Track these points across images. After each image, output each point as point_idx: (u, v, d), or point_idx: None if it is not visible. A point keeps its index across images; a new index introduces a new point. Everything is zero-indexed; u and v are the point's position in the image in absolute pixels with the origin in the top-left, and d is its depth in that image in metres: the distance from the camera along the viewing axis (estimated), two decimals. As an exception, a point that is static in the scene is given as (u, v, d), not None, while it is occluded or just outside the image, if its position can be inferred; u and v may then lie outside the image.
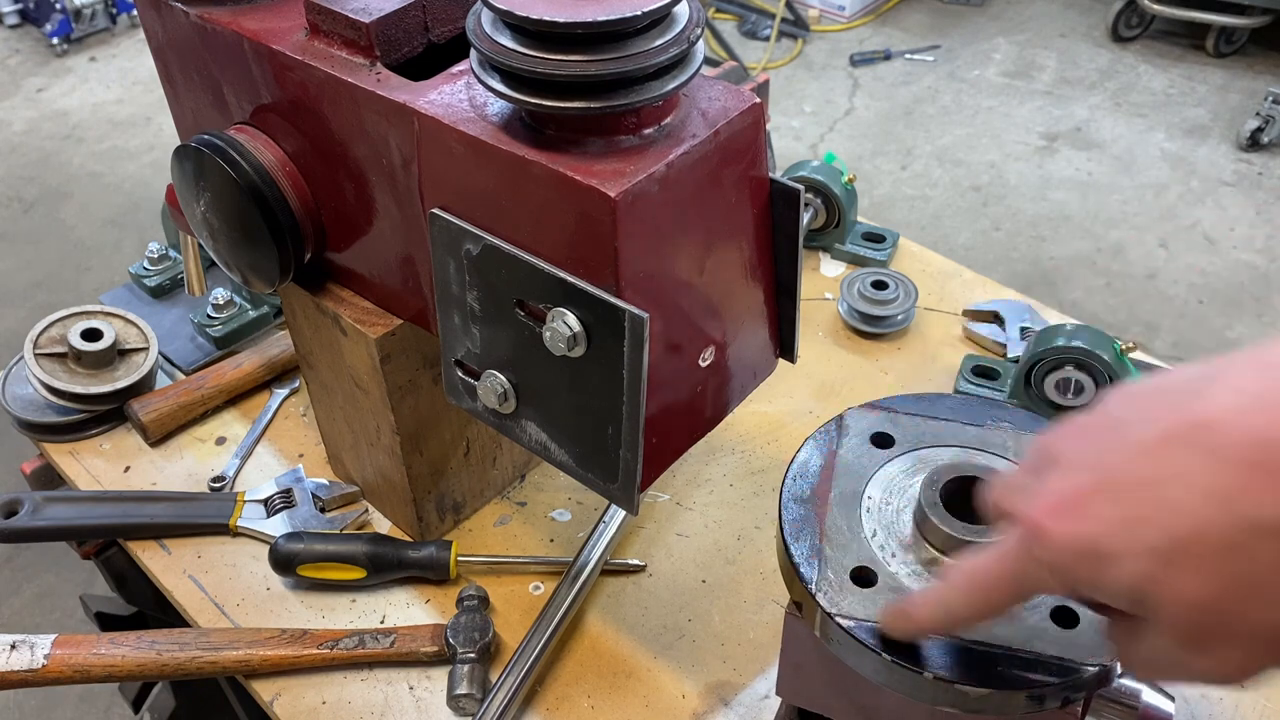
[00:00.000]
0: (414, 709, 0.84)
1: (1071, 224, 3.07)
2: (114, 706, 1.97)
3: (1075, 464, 0.47)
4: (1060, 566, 0.46)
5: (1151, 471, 0.43)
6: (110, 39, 4.09)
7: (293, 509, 0.98)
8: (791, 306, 0.74)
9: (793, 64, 3.89)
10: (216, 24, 0.76)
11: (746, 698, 0.84)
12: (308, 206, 0.79)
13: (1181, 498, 0.42)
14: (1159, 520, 0.42)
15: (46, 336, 1.07)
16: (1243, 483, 0.40)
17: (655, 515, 0.99)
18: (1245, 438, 0.41)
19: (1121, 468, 0.45)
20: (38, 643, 0.85)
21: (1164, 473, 0.43)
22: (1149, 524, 0.43)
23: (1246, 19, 3.58)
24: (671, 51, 0.58)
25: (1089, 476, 0.46)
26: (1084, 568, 0.45)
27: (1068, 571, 0.46)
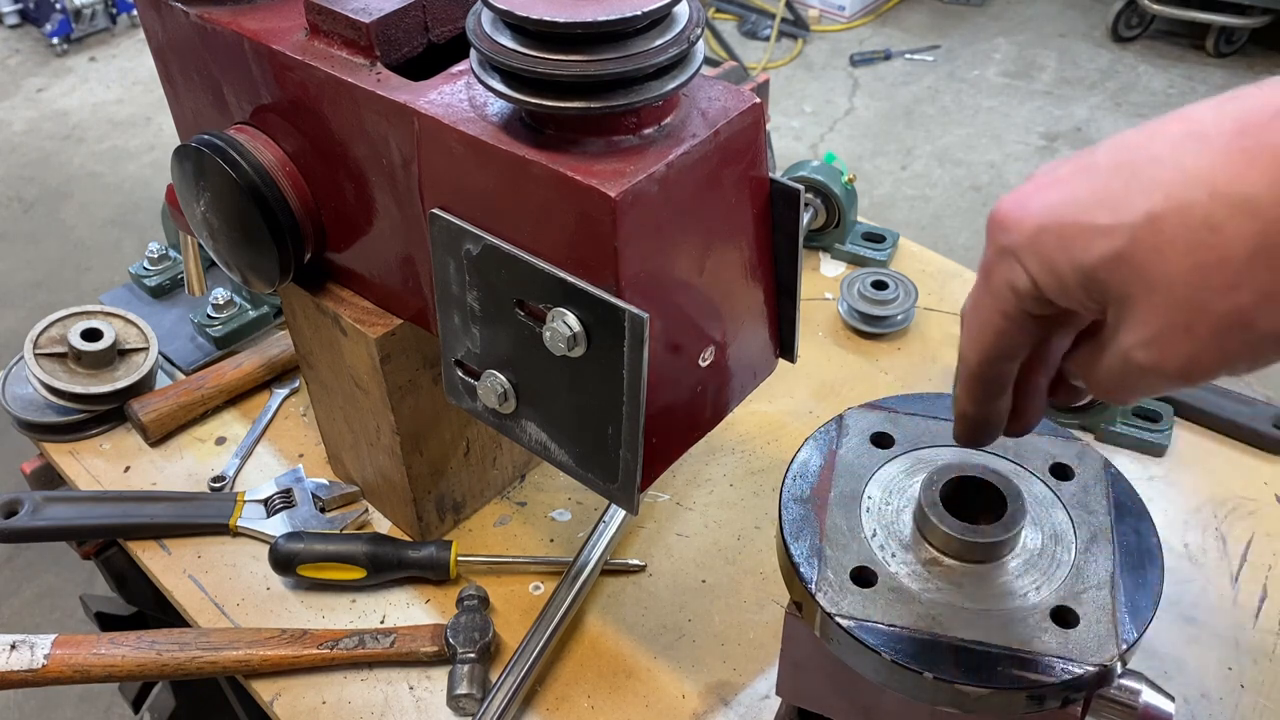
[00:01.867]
0: (414, 709, 0.84)
1: (1071, 224, 3.07)
2: (114, 706, 1.97)
3: (1055, 163, 0.46)
4: (1027, 246, 0.45)
5: (1132, 156, 0.42)
6: (110, 39, 4.09)
7: (293, 509, 0.98)
8: (791, 306, 0.74)
9: (793, 64, 3.89)
10: (216, 24, 0.76)
11: (746, 698, 0.84)
12: (308, 206, 0.79)
13: (1162, 176, 0.41)
14: (1137, 197, 0.41)
15: (46, 336, 1.07)
16: (1224, 162, 0.39)
17: (655, 515, 0.99)
18: (1229, 124, 0.40)
19: (1101, 156, 0.44)
20: (38, 643, 0.85)
21: (1145, 155, 0.42)
22: (1127, 199, 0.42)
23: (1246, 19, 3.58)
24: (671, 51, 0.58)
25: (1067, 165, 0.45)
26: (1051, 244, 0.44)
27: (1034, 251, 0.44)
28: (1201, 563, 0.93)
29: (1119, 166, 0.42)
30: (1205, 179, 0.40)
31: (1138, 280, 0.41)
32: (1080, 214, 0.43)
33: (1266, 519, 0.96)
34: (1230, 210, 0.39)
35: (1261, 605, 0.89)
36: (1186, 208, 0.40)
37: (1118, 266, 0.42)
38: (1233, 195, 0.39)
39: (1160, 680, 0.83)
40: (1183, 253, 0.40)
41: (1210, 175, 0.39)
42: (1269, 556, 0.93)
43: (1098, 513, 0.64)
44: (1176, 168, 0.40)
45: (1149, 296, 0.41)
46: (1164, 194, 0.40)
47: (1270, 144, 0.39)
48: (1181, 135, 0.41)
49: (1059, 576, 0.60)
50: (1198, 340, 0.41)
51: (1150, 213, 0.41)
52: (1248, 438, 1.02)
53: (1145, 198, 0.41)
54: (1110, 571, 0.60)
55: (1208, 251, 0.40)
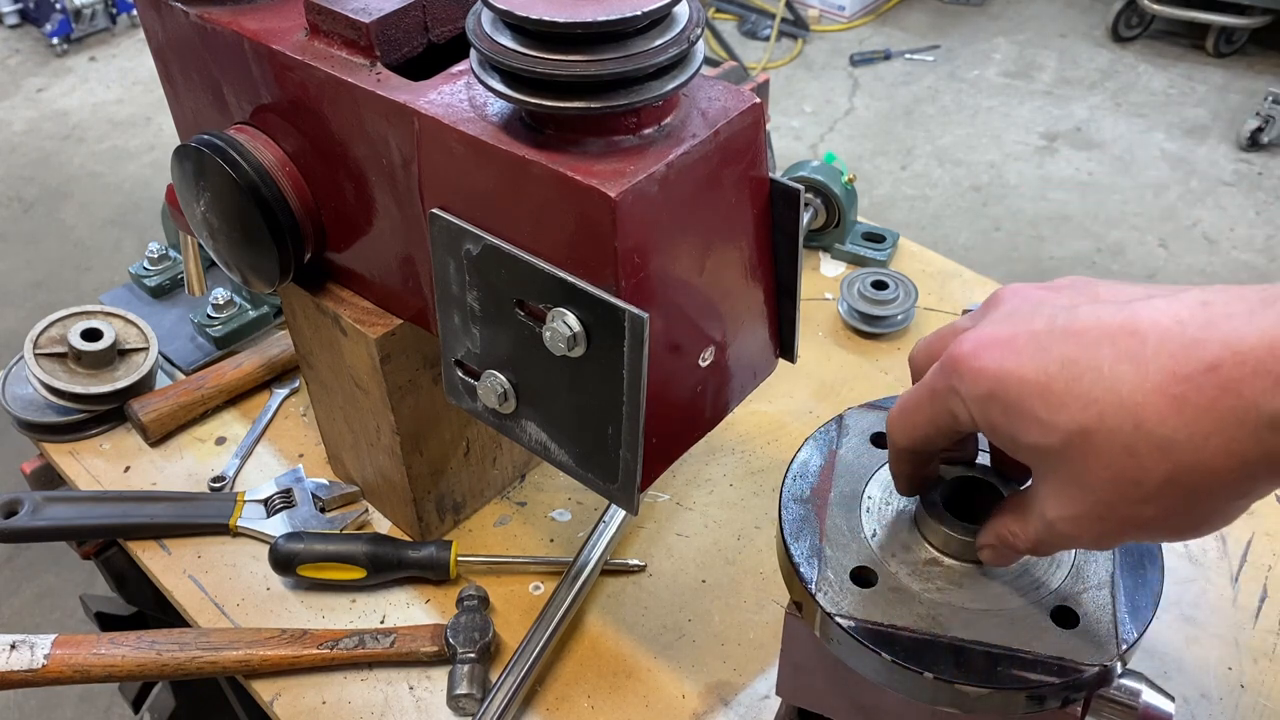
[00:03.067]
0: (414, 709, 0.84)
1: (1071, 224, 3.08)
2: (114, 706, 1.97)
3: (1012, 314, 0.51)
4: (976, 400, 0.50)
5: (1079, 354, 0.46)
6: (110, 39, 4.09)
7: (293, 509, 0.98)
8: (791, 306, 0.74)
9: (793, 64, 3.89)
10: (216, 24, 0.76)
11: (746, 698, 0.84)
12: (308, 206, 0.79)
13: (1098, 394, 0.45)
14: (1074, 406, 0.46)
15: (46, 336, 1.07)
16: (1154, 400, 0.44)
17: (655, 515, 0.99)
18: (1166, 362, 0.44)
19: (1056, 336, 0.48)
20: (38, 643, 0.85)
21: (1090, 362, 0.46)
22: (1066, 403, 0.46)
23: (1246, 19, 3.58)
24: (671, 51, 0.58)
25: (1023, 328, 0.49)
26: (996, 412, 0.49)
27: (981, 409, 0.50)
28: (1201, 563, 0.93)
29: (1065, 363, 0.47)
30: (1133, 411, 0.44)
31: (1065, 473, 0.48)
32: (1023, 398, 0.48)
33: (1266, 519, 0.96)
34: (1149, 446, 0.44)
35: (1261, 605, 0.89)
36: (1113, 431, 0.45)
37: (1048, 457, 0.48)
38: (1154, 435, 0.44)
39: (1160, 680, 0.83)
40: (1104, 466, 0.46)
41: (1137, 409, 0.44)
42: (1269, 556, 0.93)
43: None
44: (1112, 390, 0.45)
45: (1072, 489, 0.48)
46: (1097, 412, 0.45)
47: (1194, 400, 0.43)
48: (1125, 353, 0.45)
49: (1059, 577, 0.60)
50: (1106, 529, 0.49)
51: (1083, 426, 0.46)
52: (1248, 438, 1.02)
53: (1081, 410, 0.46)
54: (1110, 571, 0.60)
55: (1125, 471, 0.45)
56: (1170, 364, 0.44)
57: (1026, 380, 0.47)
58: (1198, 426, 0.43)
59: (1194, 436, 0.43)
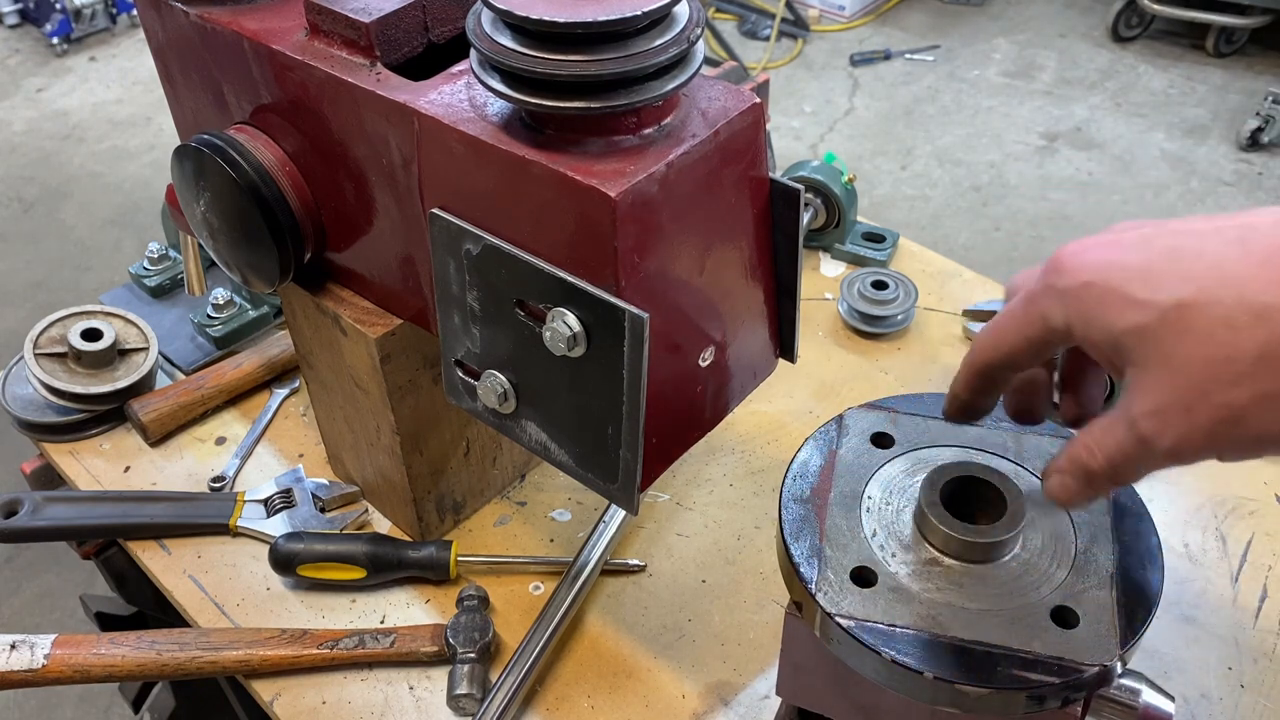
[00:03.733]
0: (414, 709, 0.84)
1: (1071, 224, 3.08)
2: (114, 706, 1.97)
3: (1118, 228, 0.51)
4: (1073, 293, 0.49)
5: (1184, 243, 0.47)
6: (110, 39, 4.09)
7: (293, 509, 0.98)
8: (791, 306, 0.74)
9: (793, 64, 3.89)
10: (216, 24, 0.76)
11: (746, 698, 0.84)
12: (308, 206, 0.79)
13: (1201, 269, 0.45)
14: (1175, 281, 0.46)
15: (46, 336, 1.07)
16: (1257, 272, 0.44)
17: (655, 515, 0.99)
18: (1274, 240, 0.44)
19: (1163, 231, 0.48)
20: (38, 643, 0.85)
21: (1194, 247, 0.46)
22: (1166, 281, 0.46)
23: (1246, 19, 3.58)
24: (671, 51, 0.58)
25: (1132, 232, 0.49)
26: (1093, 299, 0.48)
27: (1078, 301, 0.49)
28: (1201, 563, 0.93)
29: (1170, 250, 0.47)
30: (1236, 283, 0.44)
31: (1156, 355, 0.46)
32: (1124, 282, 0.47)
33: (1266, 519, 0.96)
34: (1249, 316, 0.44)
35: (1261, 605, 0.89)
36: (1213, 304, 0.44)
37: (1142, 339, 0.46)
38: (1254, 303, 0.44)
39: (1160, 680, 0.83)
40: (1200, 342, 0.45)
41: (1241, 281, 0.44)
42: (1269, 556, 0.93)
43: (1097, 512, 0.63)
44: (1216, 266, 0.45)
45: (1162, 372, 0.46)
46: (1197, 286, 0.45)
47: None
48: (1232, 239, 0.46)
49: (1059, 577, 0.60)
50: (1194, 423, 0.46)
51: (1181, 300, 0.45)
52: (1248, 438, 1.02)
53: (1181, 285, 0.45)
54: (1110, 572, 0.60)
55: (1221, 347, 0.44)
56: (1277, 234, 0.44)
57: (1129, 265, 0.47)
58: None
59: None
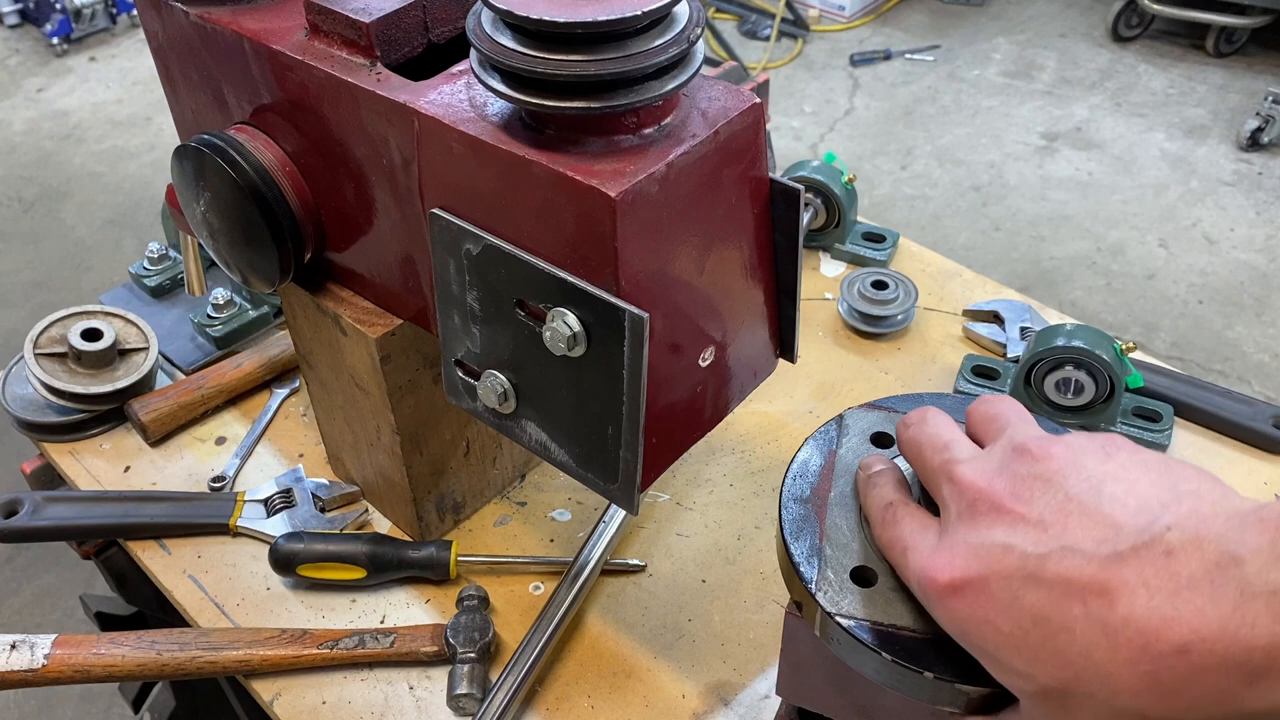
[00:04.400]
0: (414, 709, 0.84)
1: (1071, 224, 3.08)
2: (114, 706, 1.97)
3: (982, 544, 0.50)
4: (953, 629, 0.51)
5: (1053, 611, 0.46)
6: (110, 39, 4.09)
7: (293, 509, 0.98)
8: (791, 306, 0.74)
9: (793, 64, 3.89)
10: (216, 24, 0.76)
11: (746, 698, 0.84)
12: (308, 206, 0.79)
13: (1074, 657, 0.45)
14: (1048, 666, 0.46)
15: (46, 336, 1.07)
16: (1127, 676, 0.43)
17: (655, 515, 0.99)
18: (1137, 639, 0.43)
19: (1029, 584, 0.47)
20: (38, 643, 0.85)
21: (1064, 623, 0.45)
22: (1040, 663, 0.46)
23: (1246, 19, 3.58)
24: (671, 51, 0.58)
25: (995, 568, 0.48)
26: (971, 645, 0.50)
27: (959, 636, 0.51)
28: (1201, 563, 0.92)
29: (1039, 622, 0.46)
30: (1108, 680, 0.44)
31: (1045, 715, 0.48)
32: (1001, 649, 0.48)
33: (1266, 519, 0.96)
34: (1128, 714, 0.44)
35: (1261, 605, 0.89)
36: (1090, 695, 0.45)
37: (1027, 698, 0.48)
38: (1129, 707, 0.44)
39: None
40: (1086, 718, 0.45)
41: (1112, 680, 0.44)
42: (1269, 556, 0.93)
43: None
44: (1086, 656, 0.44)
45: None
46: (1074, 674, 0.45)
47: (1166, 680, 0.42)
48: (1095, 618, 0.44)
49: None
50: None
51: (1062, 686, 0.46)
52: (1248, 438, 1.02)
53: (1058, 670, 0.45)
54: None
55: None
56: (1140, 640, 0.43)
57: (1001, 632, 0.48)
58: (1173, 705, 0.42)
59: (1169, 712, 0.43)
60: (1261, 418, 1.02)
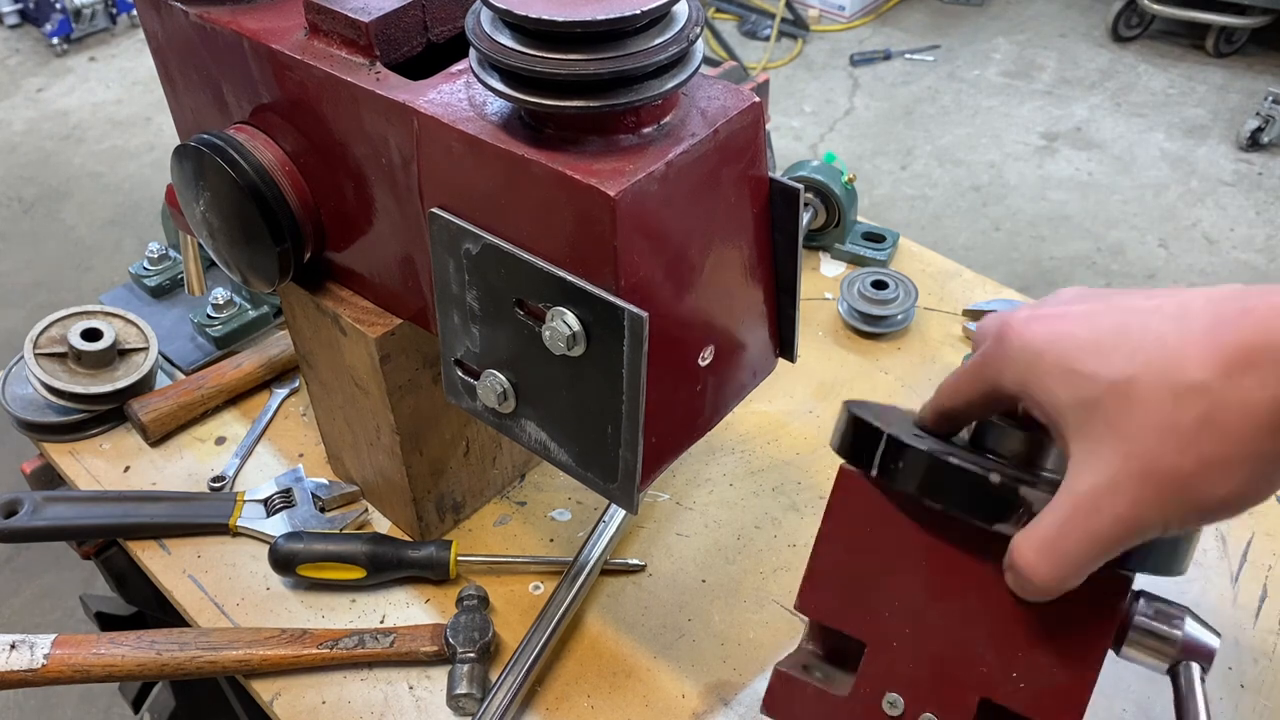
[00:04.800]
0: (414, 709, 0.84)
1: (1071, 224, 3.08)
2: (114, 706, 1.97)
3: (1067, 298, 0.54)
4: (1024, 362, 0.52)
5: (1130, 320, 0.50)
6: (110, 39, 4.09)
7: (292, 509, 0.98)
8: (791, 306, 0.74)
9: (793, 64, 3.89)
10: (216, 24, 0.76)
11: (746, 698, 0.84)
12: (307, 206, 0.79)
13: (1147, 345, 0.48)
14: (1122, 356, 0.49)
15: (46, 336, 1.07)
16: (1195, 349, 0.47)
17: (655, 515, 0.99)
18: (1208, 317, 0.48)
19: (1109, 307, 0.51)
20: (37, 643, 0.85)
21: (1140, 323, 0.50)
22: (1114, 355, 0.49)
23: (1246, 19, 3.58)
24: (671, 50, 0.58)
25: (1080, 304, 0.53)
26: (1042, 371, 0.51)
27: (1028, 370, 0.52)
28: (1201, 563, 0.92)
29: (1116, 327, 0.50)
30: (1177, 358, 0.47)
31: (1104, 427, 0.49)
32: (1072, 355, 0.50)
33: (1266, 519, 0.96)
34: (1189, 389, 0.46)
35: (1261, 605, 0.89)
36: (1156, 378, 0.47)
37: (1090, 412, 0.49)
38: (1193, 378, 0.46)
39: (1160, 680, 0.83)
40: (1145, 411, 0.48)
41: (1181, 356, 0.47)
42: (1269, 556, 0.93)
43: None
44: (1158, 342, 0.48)
45: (1111, 442, 0.48)
46: (1142, 361, 0.48)
47: (1230, 340, 0.46)
48: (1171, 315, 0.49)
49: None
50: (1144, 491, 0.48)
51: (1127, 375, 0.48)
52: (1248, 437, 1.02)
53: (1127, 360, 0.49)
54: None
55: (1165, 416, 0.47)
56: (1211, 311, 0.48)
57: (1078, 338, 0.50)
58: (1234, 363, 0.46)
59: (1230, 373, 0.46)
60: (1261, 417, 1.02)
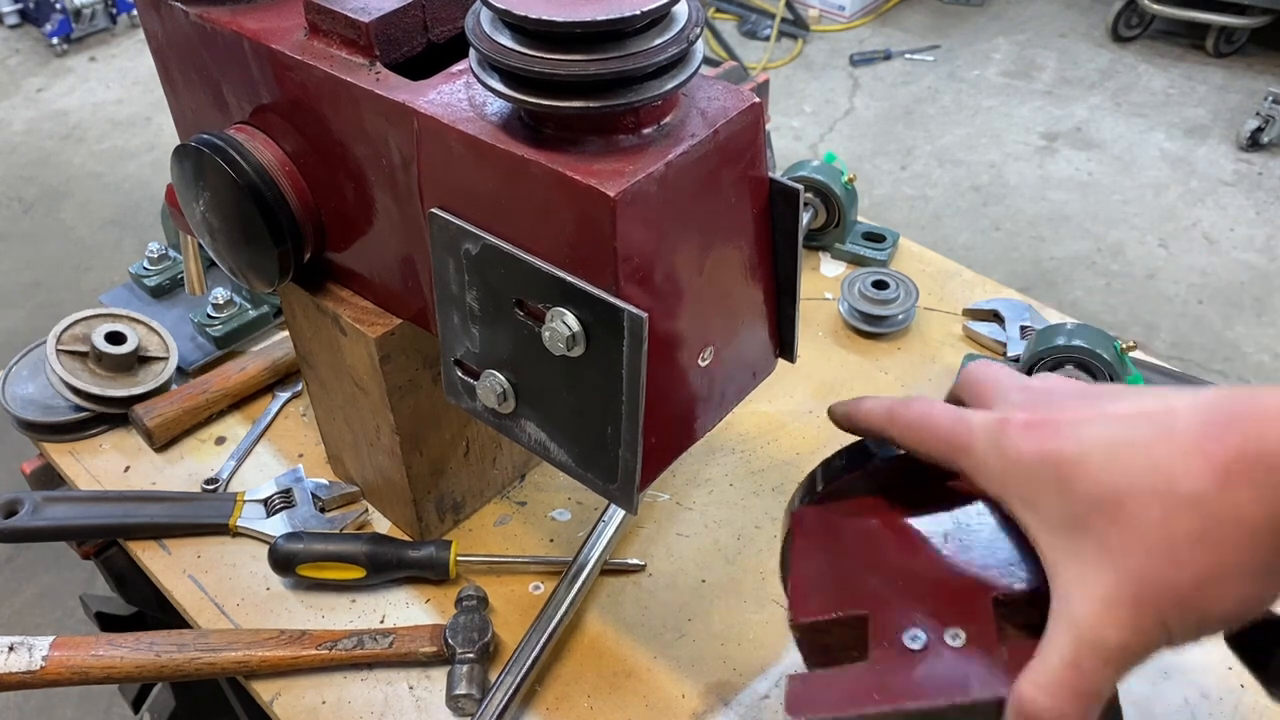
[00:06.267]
0: (414, 709, 0.84)
1: (1071, 224, 3.08)
2: (114, 706, 1.97)
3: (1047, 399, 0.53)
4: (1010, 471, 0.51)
5: (1120, 432, 0.48)
6: (110, 39, 4.09)
7: (292, 509, 0.98)
8: (791, 306, 0.74)
9: (793, 64, 3.89)
10: (216, 24, 0.76)
11: (746, 697, 0.84)
12: (308, 206, 0.79)
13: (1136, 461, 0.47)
14: (1111, 474, 0.47)
15: (70, 334, 1.07)
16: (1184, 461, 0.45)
17: (655, 515, 0.99)
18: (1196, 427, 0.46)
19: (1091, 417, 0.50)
20: (36, 644, 0.85)
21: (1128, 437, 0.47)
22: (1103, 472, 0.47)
23: (1246, 19, 3.58)
24: (671, 51, 0.58)
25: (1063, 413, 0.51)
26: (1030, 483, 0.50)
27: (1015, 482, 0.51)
28: (1201, 562, 0.92)
29: (1104, 441, 0.48)
30: (1167, 473, 0.46)
31: (1095, 547, 0.47)
32: (1065, 470, 0.48)
33: (1266, 519, 0.96)
34: (1181, 502, 0.45)
35: (1261, 605, 0.89)
36: (1146, 493, 0.46)
37: (1081, 532, 0.48)
38: (1185, 492, 0.45)
39: (1160, 680, 0.84)
40: (1138, 531, 0.46)
41: (1171, 471, 0.45)
42: (1269, 556, 0.93)
43: None
44: (1147, 456, 0.46)
45: (1104, 562, 0.47)
46: (1130, 480, 0.46)
47: (1221, 453, 0.44)
48: (1160, 426, 0.47)
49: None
50: (1142, 612, 0.46)
51: (1119, 493, 0.47)
52: (1248, 437, 1.02)
53: (1116, 478, 0.47)
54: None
55: (1157, 532, 0.45)
56: (1199, 421, 0.46)
57: (1065, 455, 0.49)
58: (1226, 476, 0.44)
59: (1224, 486, 0.44)
60: (1261, 417, 1.02)
